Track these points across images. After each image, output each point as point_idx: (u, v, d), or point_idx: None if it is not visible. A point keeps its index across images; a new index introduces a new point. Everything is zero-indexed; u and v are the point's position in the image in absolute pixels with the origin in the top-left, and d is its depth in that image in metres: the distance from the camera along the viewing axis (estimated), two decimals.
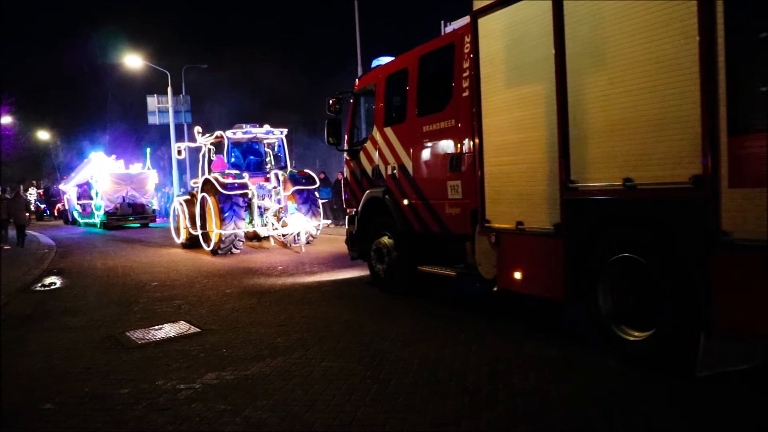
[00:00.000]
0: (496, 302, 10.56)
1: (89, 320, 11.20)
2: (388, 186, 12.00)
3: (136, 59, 46.51)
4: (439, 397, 6.35)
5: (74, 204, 47.55)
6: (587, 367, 7.06)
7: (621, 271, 7.08)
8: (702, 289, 6.04)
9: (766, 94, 5.29)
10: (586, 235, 7.40)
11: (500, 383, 6.65)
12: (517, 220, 8.44)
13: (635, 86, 6.56)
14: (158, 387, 7.25)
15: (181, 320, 10.73)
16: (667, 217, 6.42)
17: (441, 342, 8.40)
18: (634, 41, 6.54)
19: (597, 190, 7.15)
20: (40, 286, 15.72)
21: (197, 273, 16.59)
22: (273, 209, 21.88)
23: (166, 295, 13.34)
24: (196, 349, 8.87)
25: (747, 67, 5.50)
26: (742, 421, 5.54)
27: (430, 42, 10.89)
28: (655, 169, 6.42)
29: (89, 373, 7.95)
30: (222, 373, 7.61)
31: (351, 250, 13.71)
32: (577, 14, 7.26)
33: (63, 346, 9.40)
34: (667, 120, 6.25)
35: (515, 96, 8.36)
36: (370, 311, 10.62)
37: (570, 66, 7.37)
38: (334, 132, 13.17)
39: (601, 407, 5.86)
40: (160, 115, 45.00)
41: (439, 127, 10.36)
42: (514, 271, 8.65)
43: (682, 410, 5.74)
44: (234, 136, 23.08)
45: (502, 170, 8.70)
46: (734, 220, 5.69)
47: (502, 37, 8.52)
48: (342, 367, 7.58)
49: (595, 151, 7.14)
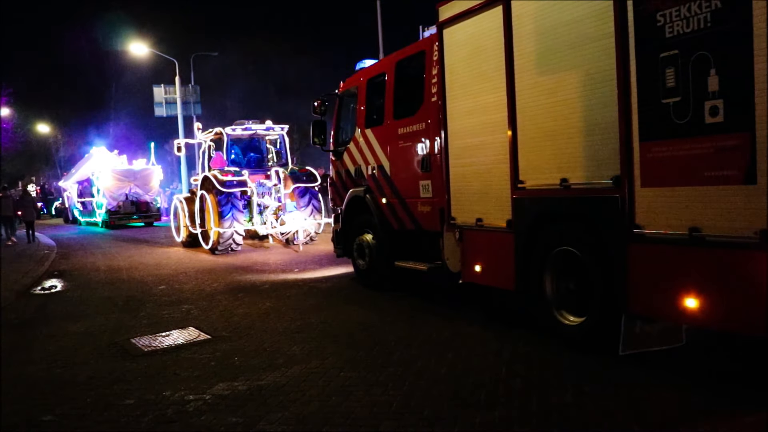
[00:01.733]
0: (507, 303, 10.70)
1: (92, 326, 11.20)
2: (368, 185, 13.18)
3: (141, 47, 46.30)
4: (468, 411, 6.26)
5: (75, 202, 47.46)
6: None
7: (562, 262, 8.26)
8: (620, 277, 7.18)
9: (666, 105, 6.46)
10: (532, 230, 8.57)
11: (533, 396, 6.56)
12: (477, 217, 9.63)
13: (568, 96, 7.72)
14: (165, 398, 7.19)
15: (190, 326, 10.72)
16: (594, 213, 7.56)
17: (469, 350, 8.38)
18: (566, 55, 7.70)
19: (540, 189, 8.33)
20: (40, 290, 15.77)
21: (205, 274, 16.75)
22: (272, 207, 22.66)
23: (173, 299, 13.37)
24: (206, 357, 8.82)
25: (653, 82, 6.61)
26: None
27: (406, 48, 12.04)
28: (585, 171, 7.59)
29: (92, 383, 7.92)
30: (234, 383, 7.57)
31: (336, 247, 14.93)
32: (522, 28, 8.42)
33: (64, 354, 9.39)
34: (593, 127, 7.40)
35: (474, 103, 9.52)
36: (393, 317, 10.65)
37: (517, 76, 8.55)
38: (319, 133, 14.45)
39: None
40: (168, 106, 44.52)
41: (412, 130, 11.53)
42: (475, 265, 9.83)
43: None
44: (233, 133, 23.93)
45: (464, 171, 9.87)
46: (646, 215, 6.84)
47: (464, 48, 9.68)
48: (362, 377, 7.50)
49: (538, 154, 8.31)
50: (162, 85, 45.13)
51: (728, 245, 6.00)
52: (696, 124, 6.18)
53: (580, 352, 7.87)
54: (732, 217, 5.94)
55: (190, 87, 46.10)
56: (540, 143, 8.28)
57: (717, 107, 5.99)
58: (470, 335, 9.19)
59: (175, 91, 44.35)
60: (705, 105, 6.08)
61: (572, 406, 6.26)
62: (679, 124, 6.33)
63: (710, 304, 6.23)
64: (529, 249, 8.65)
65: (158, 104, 45.03)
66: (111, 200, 40.33)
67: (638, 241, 6.93)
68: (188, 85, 46.17)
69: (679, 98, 6.32)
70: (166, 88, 44.92)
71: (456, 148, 10.03)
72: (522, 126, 8.57)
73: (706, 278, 6.26)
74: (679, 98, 6.32)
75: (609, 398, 6.42)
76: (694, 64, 6.16)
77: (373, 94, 13.12)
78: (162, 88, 44.96)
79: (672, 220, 6.53)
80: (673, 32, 6.33)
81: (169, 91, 44.73)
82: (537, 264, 8.57)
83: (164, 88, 44.95)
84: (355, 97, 13.75)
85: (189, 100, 45.51)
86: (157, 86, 45.32)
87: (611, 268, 7.35)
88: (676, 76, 6.34)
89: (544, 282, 8.53)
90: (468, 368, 7.62)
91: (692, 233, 6.28)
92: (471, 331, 9.38)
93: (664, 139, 6.55)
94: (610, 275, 7.39)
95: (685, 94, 6.27)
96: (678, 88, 6.33)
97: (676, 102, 6.35)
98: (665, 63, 6.45)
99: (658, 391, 6.56)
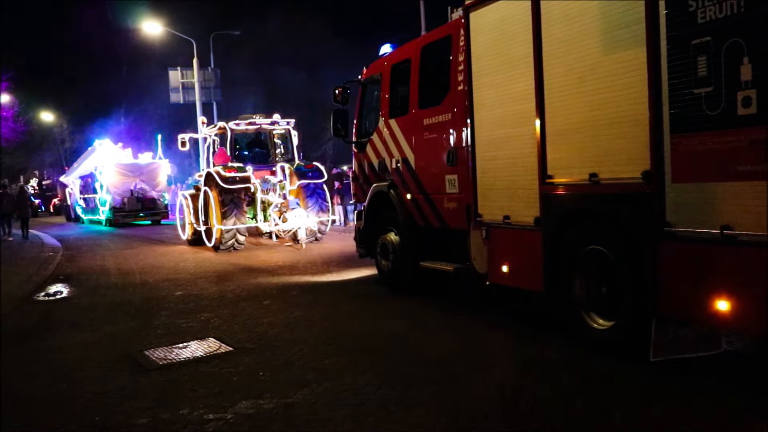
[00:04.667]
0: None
1: (101, 336, 11.25)
2: (393, 180, 13.71)
3: (155, 25, 46.53)
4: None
5: (77, 198, 49.05)
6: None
7: (591, 262, 8.66)
8: (651, 278, 7.58)
9: (698, 95, 6.86)
10: (560, 228, 9.02)
11: (617, 415, 6.65)
12: (504, 214, 10.10)
13: (598, 86, 8.18)
14: (182, 417, 7.18)
15: (210, 337, 10.71)
16: (624, 210, 7.99)
17: (519, 366, 8.46)
18: (596, 42, 8.16)
19: (568, 184, 8.80)
20: (44, 296, 15.92)
21: (224, 278, 17.05)
22: (275, 204, 24.01)
23: (191, 307, 13.45)
24: (227, 371, 8.80)
25: (684, 70, 7.03)
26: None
27: (432, 32, 12.62)
28: (614, 165, 8.02)
29: (101, 399, 7.92)
30: (259, 400, 7.54)
31: (359, 247, 15.46)
32: (551, 13, 8.88)
33: (70, 367, 9.39)
34: (623, 118, 7.84)
35: (502, 92, 10.00)
36: (432, 327, 10.78)
37: (546, 64, 9.02)
38: (340, 123, 14.95)
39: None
40: (185, 92, 44.24)
41: (438, 121, 12.04)
42: (502, 265, 10.31)
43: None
44: (237, 128, 25.45)
45: (491, 165, 10.38)
46: (677, 213, 7.25)
47: (491, 33, 10.17)
48: (402, 395, 7.47)
49: (567, 147, 8.78)
50: (178, 68, 44.84)
51: (761, 245, 6.37)
52: (728, 115, 6.59)
53: (630, 360, 8.13)
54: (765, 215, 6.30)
55: (209, 70, 46.01)
56: (569, 135, 8.72)
57: (750, 98, 6.38)
58: (521, 349, 9.24)
59: (193, 75, 44.17)
60: (738, 95, 6.48)
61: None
62: (711, 116, 6.75)
63: (742, 308, 6.63)
64: (558, 248, 9.08)
65: (174, 89, 44.82)
66: (115, 196, 41.51)
67: (669, 239, 7.34)
68: (207, 68, 46.01)
69: (711, 88, 6.73)
70: (183, 71, 44.68)
71: (483, 140, 10.52)
72: (550, 117, 9.03)
73: (738, 280, 6.66)
74: (711, 88, 6.73)
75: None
76: (726, 52, 6.56)
77: (397, 82, 13.63)
78: (178, 72, 44.68)
79: (703, 217, 6.93)
80: (706, 17, 6.73)
81: (187, 75, 44.51)
82: (565, 264, 9.00)
83: (181, 72, 44.67)
84: (379, 84, 14.26)
85: (208, 85, 45.43)
86: (173, 69, 44.99)
87: (642, 268, 7.75)
88: (708, 65, 6.74)
89: (572, 283, 8.95)
90: (519, 387, 7.61)
91: (724, 231, 6.67)
92: (521, 345, 9.45)
93: (695, 131, 6.96)
94: (640, 276, 7.78)
95: (717, 83, 6.68)
96: (710, 77, 6.74)
97: (708, 92, 6.76)
98: (697, 50, 6.85)
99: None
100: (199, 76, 44.34)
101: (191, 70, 44.50)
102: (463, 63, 10.96)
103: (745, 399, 6.89)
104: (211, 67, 46.71)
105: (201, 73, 44.59)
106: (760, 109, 6.31)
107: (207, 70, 45.90)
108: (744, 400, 6.86)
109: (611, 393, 7.30)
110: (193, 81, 44.22)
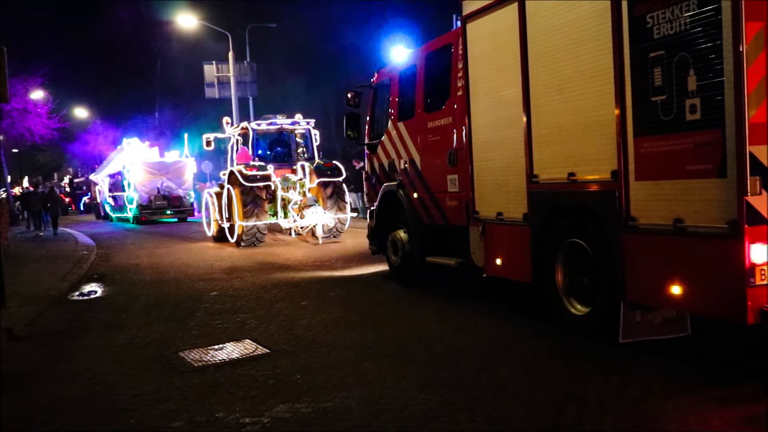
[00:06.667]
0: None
1: (136, 337, 11.52)
2: (401, 180, 15.10)
3: (190, 19, 47.82)
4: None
5: (106, 196, 52.18)
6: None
7: (571, 253, 9.96)
8: (619, 267, 8.83)
9: (655, 102, 8.10)
10: (545, 223, 10.28)
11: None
12: (497, 210, 11.41)
13: (574, 94, 9.46)
14: (218, 420, 7.37)
15: (246, 338, 10.94)
16: (597, 206, 9.25)
17: (567, 368, 8.58)
18: (572, 54, 9.43)
19: (551, 183, 10.07)
20: (78, 295, 16.55)
21: (259, 278, 17.76)
22: (294, 201, 26.12)
23: (227, 307, 13.80)
24: (264, 374, 8.97)
25: (644, 80, 8.29)
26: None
27: (435, 40, 13.97)
28: (589, 165, 9.32)
29: (136, 402, 8.14)
30: (296, 404, 7.71)
31: (371, 244, 16.95)
32: (536, 26, 10.15)
33: (105, 368, 9.69)
34: (595, 123, 9.11)
35: (495, 98, 11.32)
36: (482, 331, 10.84)
37: (531, 73, 10.32)
38: (353, 126, 16.59)
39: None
40: (220, 87, 45.39)
41: (440, 124, 13.43)
42: (497, 258, 11.63)
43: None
44: (259, 128, 28.04)
45: (486, 165, 11.68)
46: (639, 208, 8.53)
47: (485, 43, 11.48)
48: (445, 400, 7.53)
49: (549, 149, 10.07)
50: (214, 62, 45.89)
51: (705, 235, 7.62)
52: (678, 120, 7.79)
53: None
54: (708, 208, 7.54)
55: (245, 64, 46.83)
56: (551, 138, 9.99)
57: (695, 105, 7.57)
58: (569, 351, 9.39)
59: (228, 69, 45.16)
60: (686, 103, 7.68)
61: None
62: (665, 121, 7.97)
63: (693, 292, 7.86)
64: (543, 241, 10.33)
65: (209, 84, 45.81)
66: (142, 194, 44.02)
67: (632, 231, 8.59)
68: (243, 61, 46.81)
69: (665, 96, 7.94)
70: (219, 65, 45.75)
71: (479, 142, 11.83)
72: (536, 122, 10.30)
73: (689, 267, 7.90)
74: (665, 96, 7.94)
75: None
76: (677, 65, 7.76)
77: (404, 87, 15.03)
78: (214, 66, 45.70)
79: (660, 211, 8.16)
80: (660, 33, 7.95)
81: (222, 69, 45.58)
82: (549, 255, 10.24)
83: (216, 66, 45.73)
84: (388, 88, 15.71)
85: (244, 80, 46.36)
86: (208, 63, 46.02)
87: (612, 258, 8.97)
88: (662, 76, 7.96)
89: (555, 273, 10.20)
90: (567, 393, 7.68)
91: (676, 224, 7.90)
92: (564, 345, 9.68)
93: (653, 135, 8.20)
94: (611, 265, 9.00)
95: (669, 92, 7.88)
96: (664, 86, 7.95)
97: (663, 100, 7.98)
98: (654, 63, 8.07)
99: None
100: (235, 70, 45.13)
101: (226, 64, 45.36)
102: (462, 70, 12.28)
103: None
104: (247, 60, 47.42)
105: (237, 67, 45.39)
106: (704, 115, 7.49)
107: (243, 63, 46.64)
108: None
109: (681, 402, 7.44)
110: (229, 75, 45.10)
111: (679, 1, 7.74)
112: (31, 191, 37.45)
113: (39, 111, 53.36)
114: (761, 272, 7.30)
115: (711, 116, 7.47)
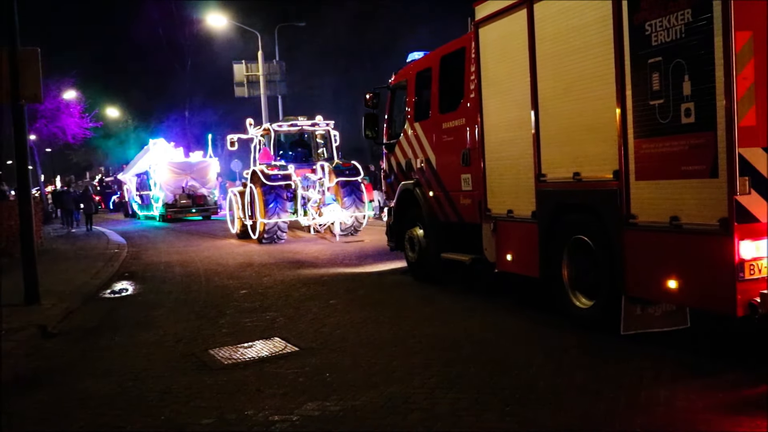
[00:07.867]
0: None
1: (166, 334, 11.65)
2: (417, 179, 15.73)
3: (220, 18, 48.48)
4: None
5: (134, 195, 54.16)
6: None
7: (576, 249, 10.47)
8: (620, 262, 9.34)
9: (653, 106, 8.62)
10: (552, 220, 10.81)
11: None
12: (508, 208, 11.99)
13: (579, 97, 9.99)
14: (248, 417, 7.46)
15: (276, 336, 11.04)
16: (600, 204, 9.76)
17: (603, 370, 8.56)
18: (576, 59, 9.97)
19: (557, 182, 10.61)
20: (110, 293, 16.74)
21: (289, 276, 17.90)
22: (314, 200, 27.26)
23: (257, 306, 13.93)
24: (293, 372, 9.07)
25: (643, 85, 8.81)
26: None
27: (449, 44, 14.49)
28: (593, 165, 9.83)
29: (166, 399, 8.24)
30: (325, 402, 7.78)
31: (389, 240, 17.63)
32: (542, 31, 10.67)
33: (135, 366, 9.79)
34: (599, 125, 9.61)
35: (506, 100, 11.87)
36: (511, 330, 10.88)
37: (539, 76, 10.84)
38: (371, 126, 17.30)
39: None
40: (249, 86, 45.59)
41: (454, 125, 14.02)
42: (507, 254, 12.19)
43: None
44: (280, 129, 29.46)
45: (498, 164, 12.23)
46: (639, 206, 9.05)
47: (496, 47, 12.02)
48: (474, 399, 7.58)
49: (557, 149, 10.61)
50: (243, 62, 45.99)
51: (699, 232, 8.14)
52: (674, 123, 8.30)
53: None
54: (701, 206, 8.04)
55: (274, 63, 47.06)
56: (557, 140, 10.54)
57: (689, 109, 8.08)
58: (597, 349, 9.52)
59: (258, 68, 45.35)
60: (681, 107, 8.19)
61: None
62: (663, 124, 8.48)
63: (688, 286, 8.37)
64: (550, 237, 10.87)
65: (239, 84, 45.83)
66: (167, 193, 45.46)
67: (632, 228, 9.12)
68: (272, 60, 47.11)
69: (663, 100, 8.45)
70: (248, 64, 45.90)
71: (491, 142, 12.39)
72: (544, 123, 10.84)
73: (684, 262, 8.40)
74: (663, 100, 8.45)
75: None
76: (673, 71, 8.27)
77: (421, 88, 15.64)
78: (243, 65, 45.77)
79: (658, 209, 8.67)
80: (658, 41, 8.46)
81: (252, 68, 45.77)
82: (556, 251, 10.76)
83: (246, 65, 45.82)
84: (405, 90, 16.32)
85: (273, 79, 46.66)
86: (238, 62, 46.08)
87: (614, 253, 9.48)
88: (660, 81, 8.47)
89: (562, 268, 10.72)
90: (597, 392, 7.68)
91: (672, 222, 8.40)
92: (593, 343, 9.78)
93: (651, 137, 8.71)
94: (613, 260, 9.51)
95: (666, 96, 8.39)
96: (661, 91, 8.45)
97: (660, 104, 8.49)
98: (652, 68, 8.58)
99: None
100: (264, 69, 45.50)
101: (256, 63, 45.65)
102: (475, 73, 12.83)
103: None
104: (276, 59, 47.64)
105: (266, 66, 45.77)
106: (697, 119, 8.00)
107: (272, 62, 46.99)
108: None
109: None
110: (258, 75, 45.37)
111: (674, 10, 8.22)
112: (64, 190, 38.64)
113: (71, 111, 54.17)
114: (750, 267, 7.82)
115: (704, 120, 7.98)
